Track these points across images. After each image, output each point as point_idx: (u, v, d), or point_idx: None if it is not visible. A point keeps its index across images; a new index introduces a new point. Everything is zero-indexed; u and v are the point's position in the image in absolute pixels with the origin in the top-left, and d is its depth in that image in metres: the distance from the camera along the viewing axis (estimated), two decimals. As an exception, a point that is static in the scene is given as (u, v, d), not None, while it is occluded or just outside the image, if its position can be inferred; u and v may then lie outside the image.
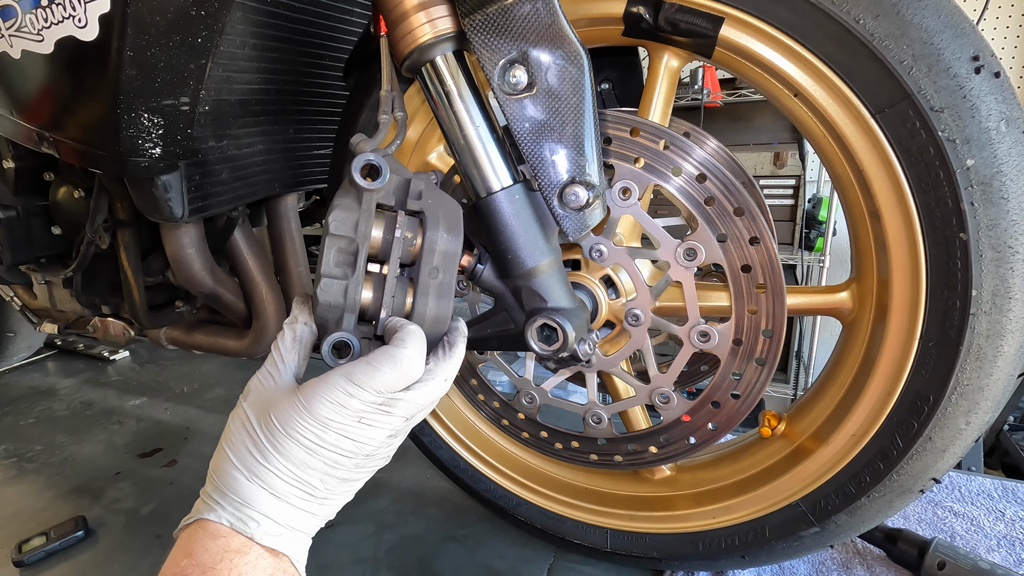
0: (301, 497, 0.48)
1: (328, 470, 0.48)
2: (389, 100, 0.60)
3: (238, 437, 0.48)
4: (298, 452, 0.46)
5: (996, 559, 0.87)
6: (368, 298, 0.53)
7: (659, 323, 0.71)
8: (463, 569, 0.92)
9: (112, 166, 0.75)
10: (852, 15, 0.56)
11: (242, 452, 0.47)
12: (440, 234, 0.54)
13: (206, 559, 0.45)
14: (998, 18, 2.75)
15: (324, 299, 0.51)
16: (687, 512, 0.82)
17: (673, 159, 0.65)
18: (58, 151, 0.78)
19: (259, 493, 0.47)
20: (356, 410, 0.47)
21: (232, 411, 0.51)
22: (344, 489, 0.50)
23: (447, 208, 0.55)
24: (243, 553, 0.46)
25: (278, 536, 0.47)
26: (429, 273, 0.54)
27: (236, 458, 0.47)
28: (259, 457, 0.47)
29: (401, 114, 0.60)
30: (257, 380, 0.51)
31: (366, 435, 0.48)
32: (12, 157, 0.97)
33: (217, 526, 0.46)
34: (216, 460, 0.49)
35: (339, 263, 0.51)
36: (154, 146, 0.74)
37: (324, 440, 0.47)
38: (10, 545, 1.01)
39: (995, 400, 0.62)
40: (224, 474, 0.48)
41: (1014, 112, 0.55)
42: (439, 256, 0.54)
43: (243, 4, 0.75)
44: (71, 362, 1.93)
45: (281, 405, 0.47)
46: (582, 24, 0.69)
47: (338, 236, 0.51)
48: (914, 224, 0.59)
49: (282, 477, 0.47)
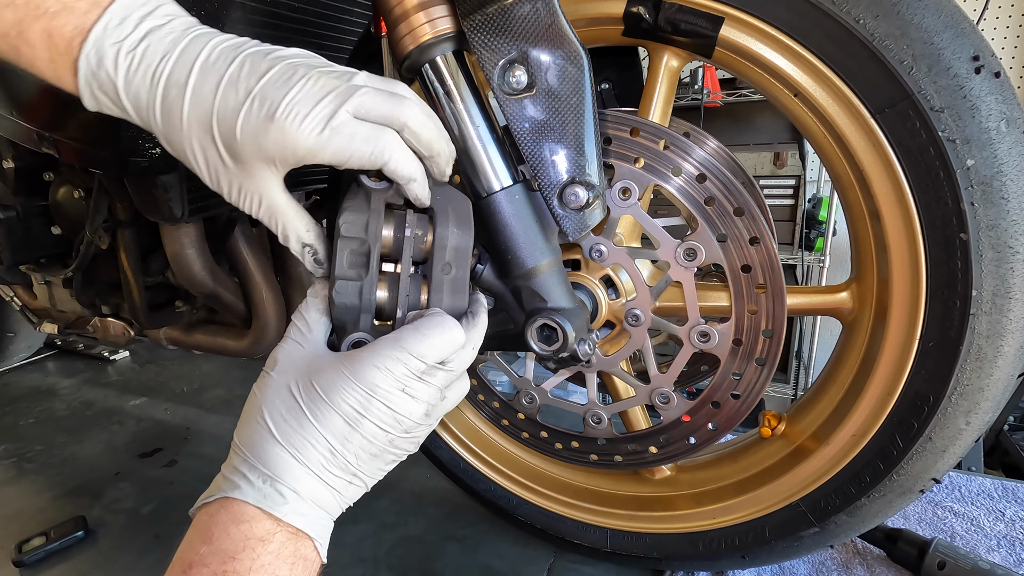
0: (333, 472, 0.46)
1: (364, 444, 0.47)
2: None
3: (272, 405, 0.46)
4: (338, 422, 0.45)
5: (996, 559, 0.87)
6: (383, 297, 0.53)
7: (659, 323, 0.71)
8: (463, 569, 0.92)
9: (112, 166, 0.75)
10: (852, 15, 0.56)
11: (278, 420, 0.46)
12: (451, 229, 0.54)
13: (227, 546, 0.43)
14: (998, 18, 2.75)
15: (340, 301, 0.51)
16: (687, 512, 0.82)
17: (673, 159, 0.65)
18: (58, 151, 0.78)
19: (292, 465, 0.45)
20: (401, 376, 0.46)
21: (257, 382, 0.49)
22: (373, 467, 0.49)
23: (456, 203, 0.55)
24: (267, 542, 0.44)
25: (305, 515, 0.46)
26: (442, 269, 0.54)
27: (273, 426, 0.46)
28: (296, 424, 0.45)
29: None
30: (284, 350, 0.49)
31: (407, 408, 0.47)
32: (12, 157, 0.97)
33: (241, 507, 0.44)
34: (245, 431, 0.47)
35: (352, 264, 0.52)
36: (154, 146, 0.74)
37: (368, 409, 0.46)
38: (10, 545, 1.01)
39: (995, 400, 0.62)
40: (254, 444, 0.46)
41: (1014, 112, 0.55)
42: (451, 251, 0.54)
43: (243, 4, 0.75)
44: (71, 362, 1.93)
45: (325, 372, 0.46)
46: (582, 24, 0.69)
47: (350, 238, 0.51)
48: (914, 224, 0.59)
49: (318, 448, 0.45)
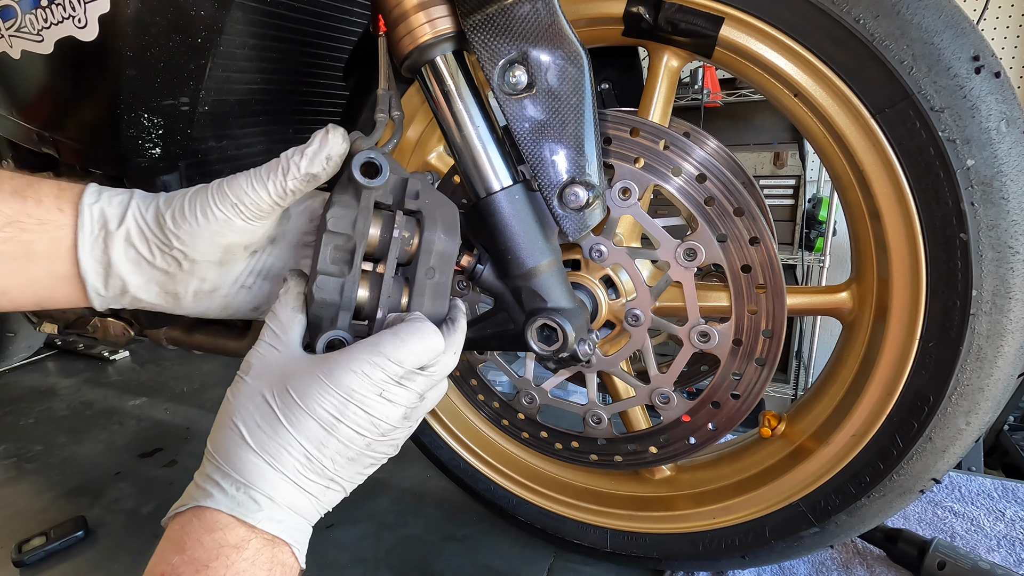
0: (309, 477, 0.46)
1: (340, 448, 0.46)
2: (386, 99, 0.60)
3: (246, 411, 0.45)
4: (313, 427, 0.45)
5: (996, 559, 0.87)
6: (364, 296, 0.52)
7: (659, 323, 0.71)
8: (463, 569, 0.92)
9: (112, 166, 0.75)
10: (852, 15, 0.56)
11: (252, 426, 0.45)
12: (438, 234, 0.54)
13: (200, 555, 0.42)
14: (998, 18, 2.75)
15: (320, 296, 0.50)
16: (687, 512, 0.82)
17: (673, 159, 0.65)
18: (58, 151, 0.78)
19: (266, 471, 0.44)
20: (378, 381, 0.46)
21: (231, 387, 0.48)
22: (351, 472, 0.48)
23: (444, 209, 0.55)
24: (241, 549, 0.43)
25: (281, 522, 0.45)
26: (426, 273, 0.54)
27: (247, 432, 0.45)
28: (270, 431, 0.44)
29: (398, 113, 0.60)
30: (258, 353, 0.48)
31: (384, 412, 0.47)
32: (12, 157, 0.97)
33: (214, 515, 0.43)
34: (217, 437, 0.46)
35: (335, 260, 0.51)
36: (154, 146, 0.74)
37: (344, 414, 0.45)
38: (10, 545, 1.01)
39: (995, 400, 0.62)
40: (227, 451, 0.45)
41: (1014, 112, 0.55)
42: (436, 257, 0.54)
43: (243, 4, 0.75)
44: (71, 362, 1.93)
45: (300, 376, 0.45)
46: (582, 24, 0.69)
47: (336, 233, 0.51)
48: (914, 224, 0.59)
49: (293, 454, 0.45)
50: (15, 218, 0.48)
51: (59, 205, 0.49)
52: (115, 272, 0.51)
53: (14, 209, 0.48)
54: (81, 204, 0.50)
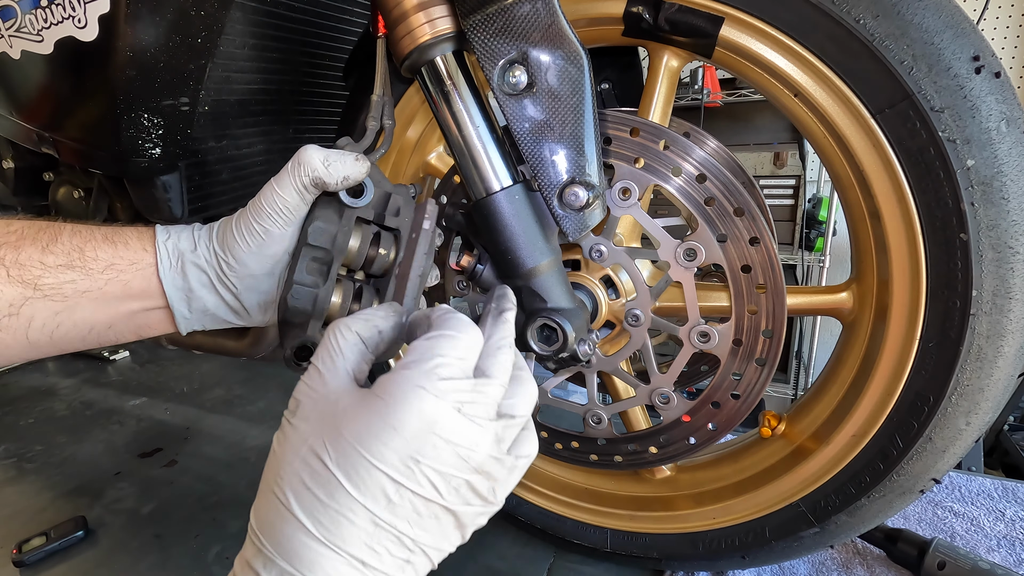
0: (381, 553, 0.36)
1: (419, 504, 0.36)
2: (379, 106, 0.60)
3: (291, 470, 0.36)
4: (381, 480, 0.35)
5: (996, 559, 0.87)
6: (336, 303, 0.54)
7: (659, 323, 0.71)
8: (463, 569, 0.92)
9: (112, 166, 0.75)
10: (852, 15, 0.56)
11: (300, 491, 0.35)
12: (417, 254, 0.55)
13: None
14: (998, 18, 2.75)
15: (293, 304, 0.52)
16: (687, 512, 0.82)
17: (673, 159, 0.65)
18: (58, 151, 0.78)
19: (321, 555, 0.35)
20: (450, 391, 0.36)
21: (277, 434, 0.39)
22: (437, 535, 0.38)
23: (422, 228, 0.56)
24: None
25: None
26: (397, 288, 0.55)
27: (295, 500, 0.35)
28: (324, 495, 0.35)
29: (390, 122, 0.61)
30: (304, 387, 0.39)
31: (469, 437, 0.37)
32: (12, 157, 0.97)
33: None
34: (261, 507, 0.37)
35: (312, 271, 0.53)
36: (154, 146, 0.74)
37: (421, 452, 0.35)
38: (10, 545, 1.01)
39: (995, 400, 0.62)
40: (272, 528, 0.36)
41: (1014, 112, 0.55)
42: (413, 273, 0.55)
43: (243, 4, 0.75)
44: (71, 362, 1.92)
45: (355, 413, 0.36)
46: (582, 24, 0.69)
47: (315, 247, 0.52)
48: (914, 224, 0.59)
49: (357, 522, 0.35)
50: (111, 262, 0.53)
51: (143, 245, 0.54)
52: (195, 296, 0.55)
53: (109, 254, 0.53)
54: (157, 242, 0.54)
